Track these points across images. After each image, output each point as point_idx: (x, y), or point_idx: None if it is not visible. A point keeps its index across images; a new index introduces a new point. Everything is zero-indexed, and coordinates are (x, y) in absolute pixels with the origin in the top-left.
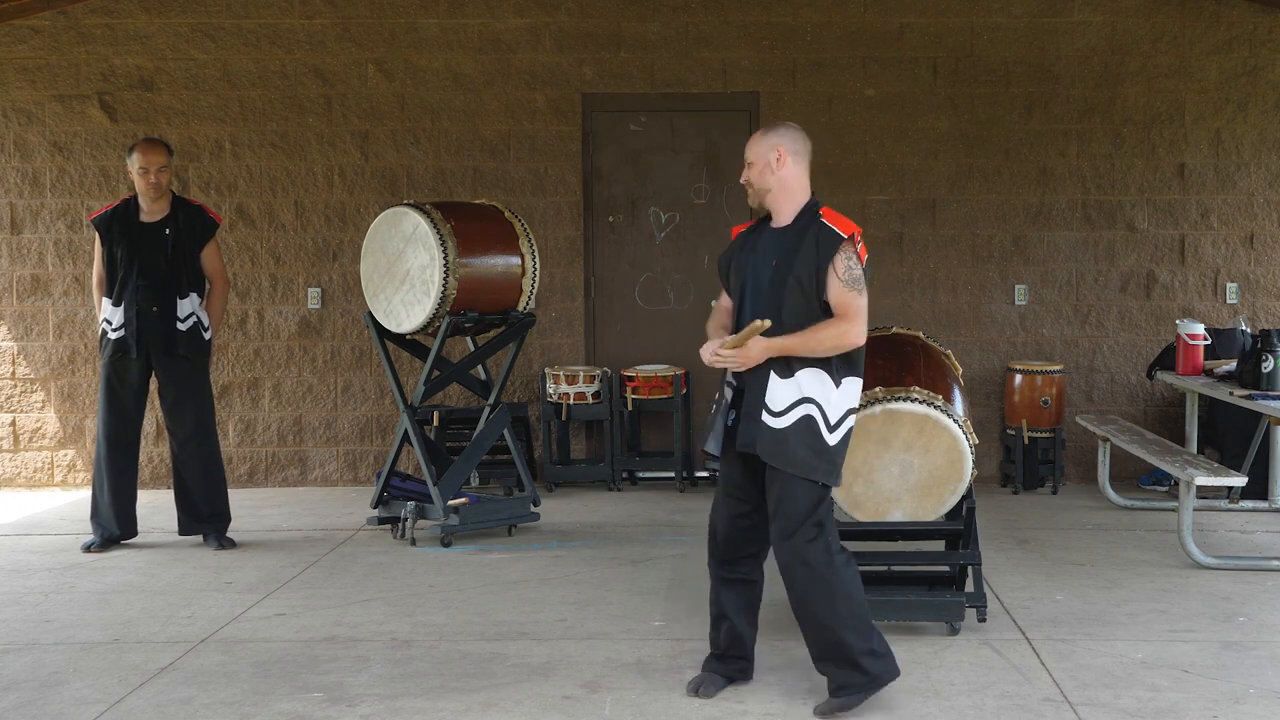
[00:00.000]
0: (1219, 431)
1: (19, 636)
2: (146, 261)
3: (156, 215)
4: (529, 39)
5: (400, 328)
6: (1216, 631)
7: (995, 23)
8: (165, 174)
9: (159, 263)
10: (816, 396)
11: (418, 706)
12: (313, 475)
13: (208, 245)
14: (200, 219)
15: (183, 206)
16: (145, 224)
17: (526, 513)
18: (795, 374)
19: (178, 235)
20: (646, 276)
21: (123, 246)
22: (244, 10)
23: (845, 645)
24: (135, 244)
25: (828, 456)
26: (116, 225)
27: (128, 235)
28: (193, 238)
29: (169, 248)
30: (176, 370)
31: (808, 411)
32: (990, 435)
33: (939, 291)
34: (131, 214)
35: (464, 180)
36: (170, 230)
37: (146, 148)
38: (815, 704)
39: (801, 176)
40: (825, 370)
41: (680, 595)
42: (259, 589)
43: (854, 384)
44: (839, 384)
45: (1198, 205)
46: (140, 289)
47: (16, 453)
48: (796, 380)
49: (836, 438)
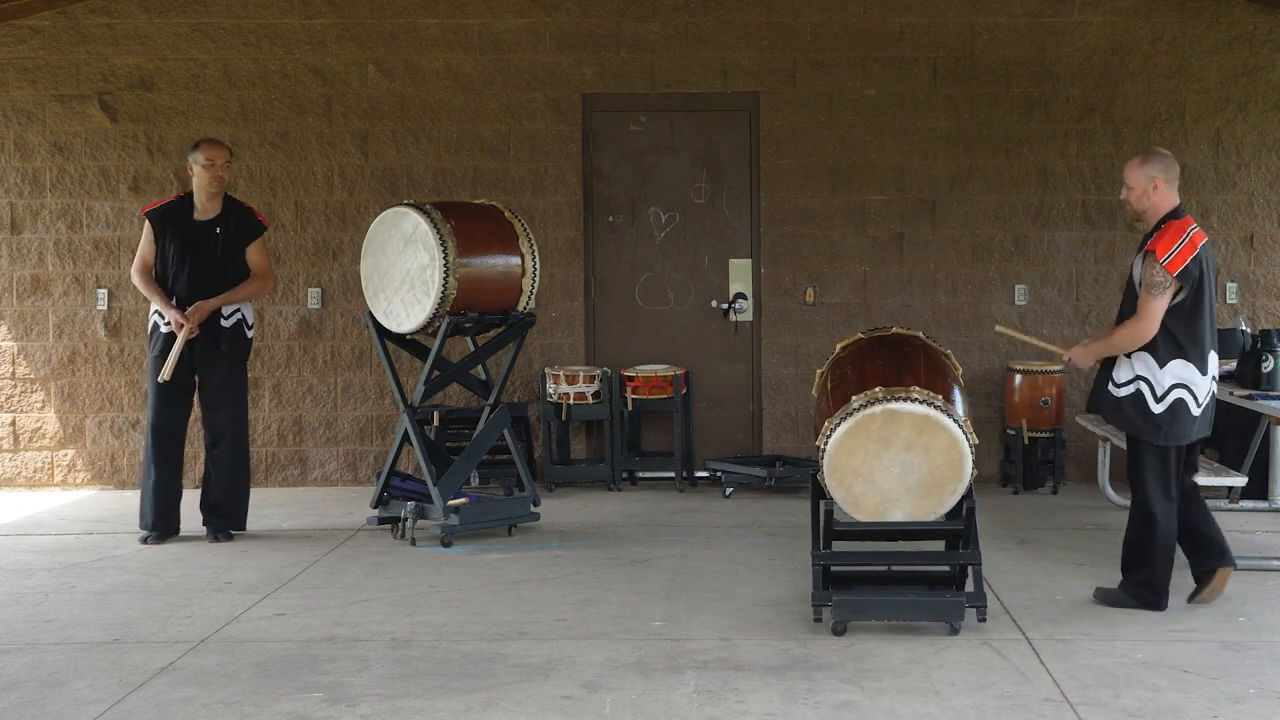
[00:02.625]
0: (1219, 431)
1: (19, 636)
2: (197, 258)
3: (210, 214)
4: (529, 39)
5: (400, 328)
6: (1216, 631)
7: (995, 23)
8: (227, 170)
9: (208, 260)
10: (1147, 375)
11: (418, 706)
12: (313, 475)
13: (254, 244)
14: (249, 220)
15: (234, 207)
16: (198, 222)
17: (526, 513)
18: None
19: (227, 234)
20: (646, 276)
21: (175, 243)
22: (244, 10)
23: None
24: (187, 240)
25: (1154, 422)
26: (171, 221)
27: (181, 232)
28: (241, 237)
29: (218, 246)
30: (217, 364)
31: (1139, 387)
32: (990, 435)
33: (939, 291)
34: (186, 210)
35: (464, 180)
36: (221, 230)
37: (212, 143)
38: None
39: (1171, 198)
40: (1152, 354)
41: (680, 595)
42: (259, 589)
43: (1179, 364)
44: (1163, 365)
45: (1198, 205)
46: (190, 284)
47: (16, 453)
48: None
49: (1162, 408)
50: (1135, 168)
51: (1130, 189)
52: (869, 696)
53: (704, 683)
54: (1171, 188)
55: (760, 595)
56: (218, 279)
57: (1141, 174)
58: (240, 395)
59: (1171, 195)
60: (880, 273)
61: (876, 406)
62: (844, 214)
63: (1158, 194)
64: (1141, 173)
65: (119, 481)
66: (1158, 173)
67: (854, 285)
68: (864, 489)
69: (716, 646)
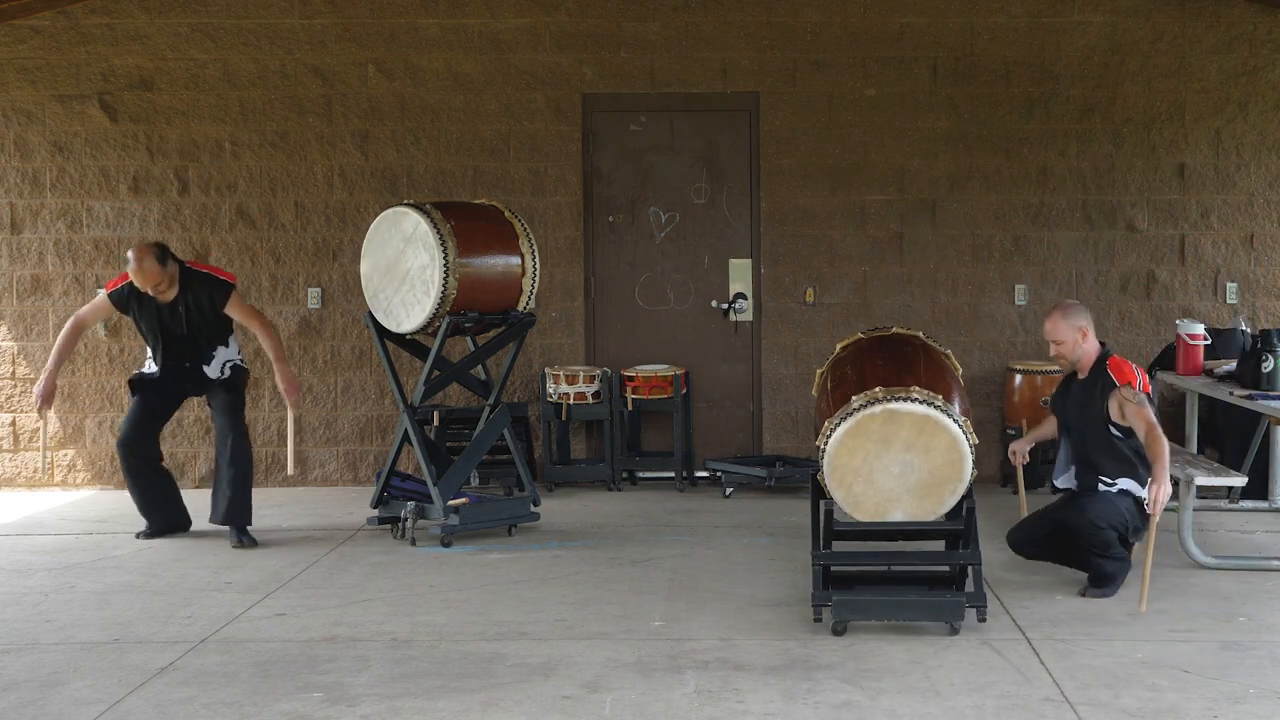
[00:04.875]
0: (1219, 431)
1: (19, 636)
2: (168, 333)
3: (168, 298)
4: (529, 39)
5: (400, 328)
6: (1216, 631)
7: (995, 23)
8: (163, 284)
9: (179, 334)
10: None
11: (418, 706)
12: (313, 475)
13: (229, 304)
14: (210, 286)
15: (190, 281)
16: (160, 304)
17: (526, 513)
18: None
19: (188, 310)
20: (646, 276)
21: (144, 320)
22: (244, 10)
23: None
24: (153, 319)
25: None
26: (133, 302)
27: (144, 312)
28: (209, 305)
29: (183, 323)
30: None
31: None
32: (990, 435)
33: (939, 291)
34: (146, 294)
35: (464, 180)
36: (183, 307)
37: (137, 269)
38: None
39: (1094, 341)
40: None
41: (680, 595)
42: (259, 589)
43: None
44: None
45: (1198, 205)
46: (168, 356)
47: (16, 453)
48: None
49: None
50: (1059, 321)
51: (1061, 344)
52: (869, 696)
53: (704, 683)
54: (1092, 329)
55: (760, 595)
56: (193, 349)
57: (1068, 326)
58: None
59: (1094, 337)
60: (880, 273)
61: (876, 406)
62: (844, 214)
63: (1086, 341)
64: (1067, 324)
65: (119, 481)
66: (1083, 321)
67: (854, 285)
68: (864, 489)
69: (716, 646)
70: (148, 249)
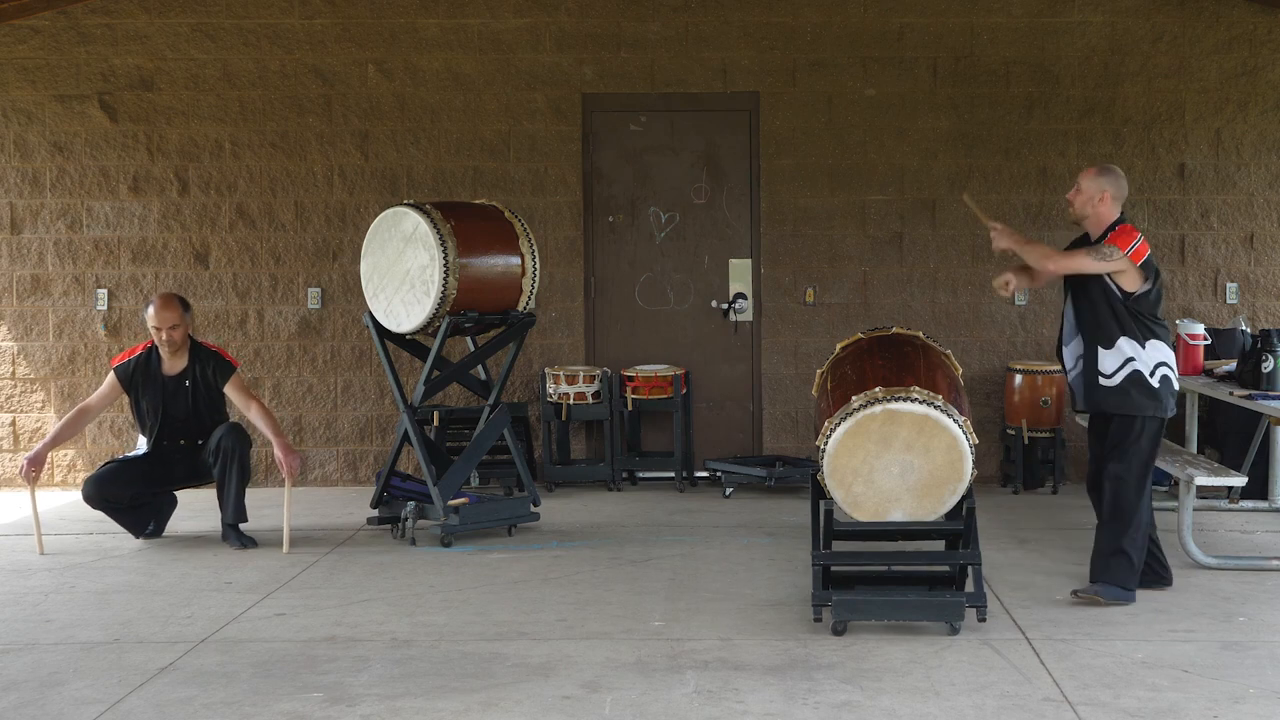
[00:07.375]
0: (1219, 431)
1: (19, 636)
2: (171, 411)
3: (177, 368)
4: (529, 39)
5: (400, 328)
6: (1216, 631)
7: (995, 23)
8: (178, 331)
9: (182, 413)
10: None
11: (418, 706)
12: (313, 475)
13: (228, 385)
14: (217, 364)
15: (200, 355)
16: (167, 377)
17: (526, 513)
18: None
19: (195, 386)
20: (646, 276)
21: (148, 398)
22: (244, 10)
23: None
24: (158, 395)
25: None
26: (139, 377)
27: (150, 388)
28: (213, 385)
29: (188, 399)
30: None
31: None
32: (990, 435)
33: (939, 291)
34: (154, 366)
35: (464, 180)
36: (189, 382)
37: (160, 306)
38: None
39: (1113, 213)
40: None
41: (680, 595)
42: (259, 589)
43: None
44: (1144, 344)
45: (1198, 205)
46: (165, 436)
47: (16, 453)
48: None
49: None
50: (1091, 175)
51: (1079, 191)
52: (869, 696)
53: (704, 683)
54: (1117, 204)
55: (760, 595)
56: (192, 429)
57: (1094, 183)
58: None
59: (1114, 210)
60: (880, 273)
61: (876, 406)
62: (844, 214)
63: (1103, 205)
64: (1095, 182)
65: None
66: (1109, 187)
67: (854, 285)
68: (864, 489)
69: (716, 646)
70: (172, 295)
